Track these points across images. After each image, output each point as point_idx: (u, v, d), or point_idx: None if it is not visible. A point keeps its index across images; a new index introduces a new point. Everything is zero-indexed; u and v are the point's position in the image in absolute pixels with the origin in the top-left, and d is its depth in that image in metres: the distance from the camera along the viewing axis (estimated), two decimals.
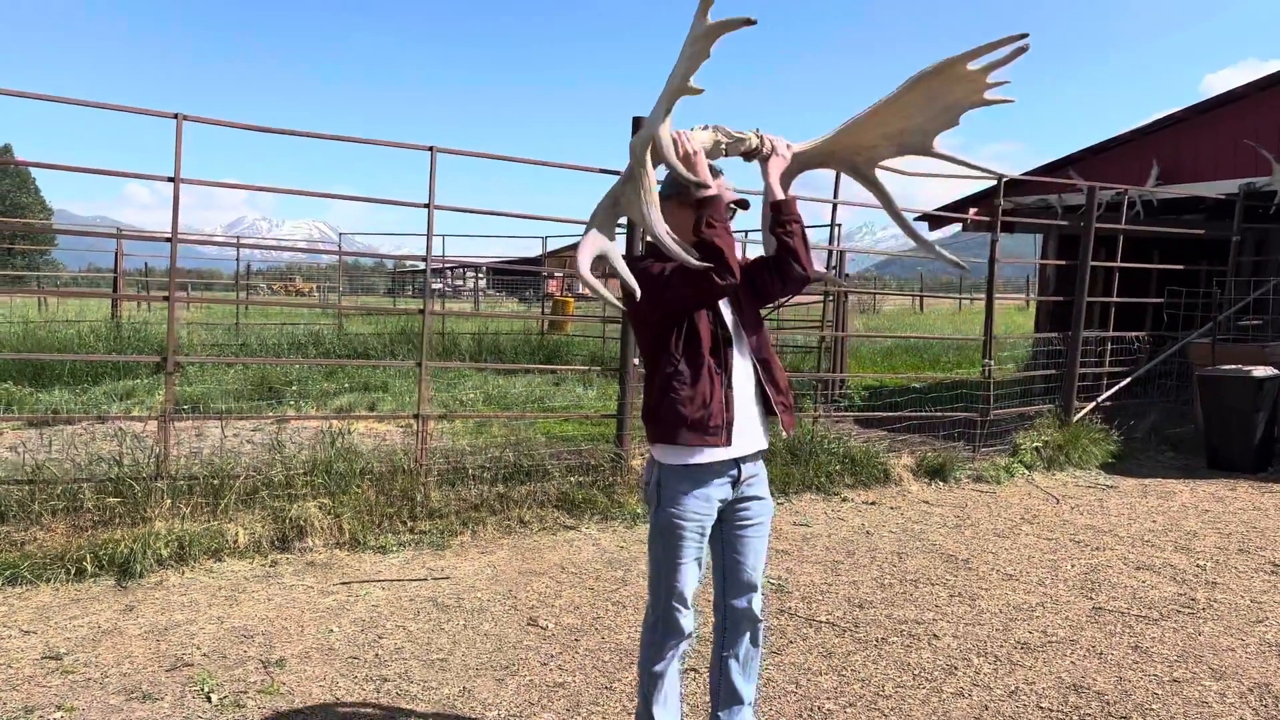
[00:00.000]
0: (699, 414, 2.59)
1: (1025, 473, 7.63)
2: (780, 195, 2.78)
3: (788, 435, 6.79)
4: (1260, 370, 7.95)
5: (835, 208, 9.13)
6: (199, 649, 3.80)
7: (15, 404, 8.87)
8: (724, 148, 2.74)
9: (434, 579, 4.76)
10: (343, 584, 4.65)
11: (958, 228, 13.06)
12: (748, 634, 2.85)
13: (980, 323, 8.87)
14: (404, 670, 3.68)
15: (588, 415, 8.74)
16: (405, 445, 6.37)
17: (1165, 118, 11.14)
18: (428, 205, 6.14)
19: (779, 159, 2.81)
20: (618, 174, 2.68)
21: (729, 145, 2.74)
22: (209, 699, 3.37)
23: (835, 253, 10.57)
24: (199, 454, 5.82)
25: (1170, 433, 8.99)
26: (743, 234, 12.67)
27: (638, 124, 2.56)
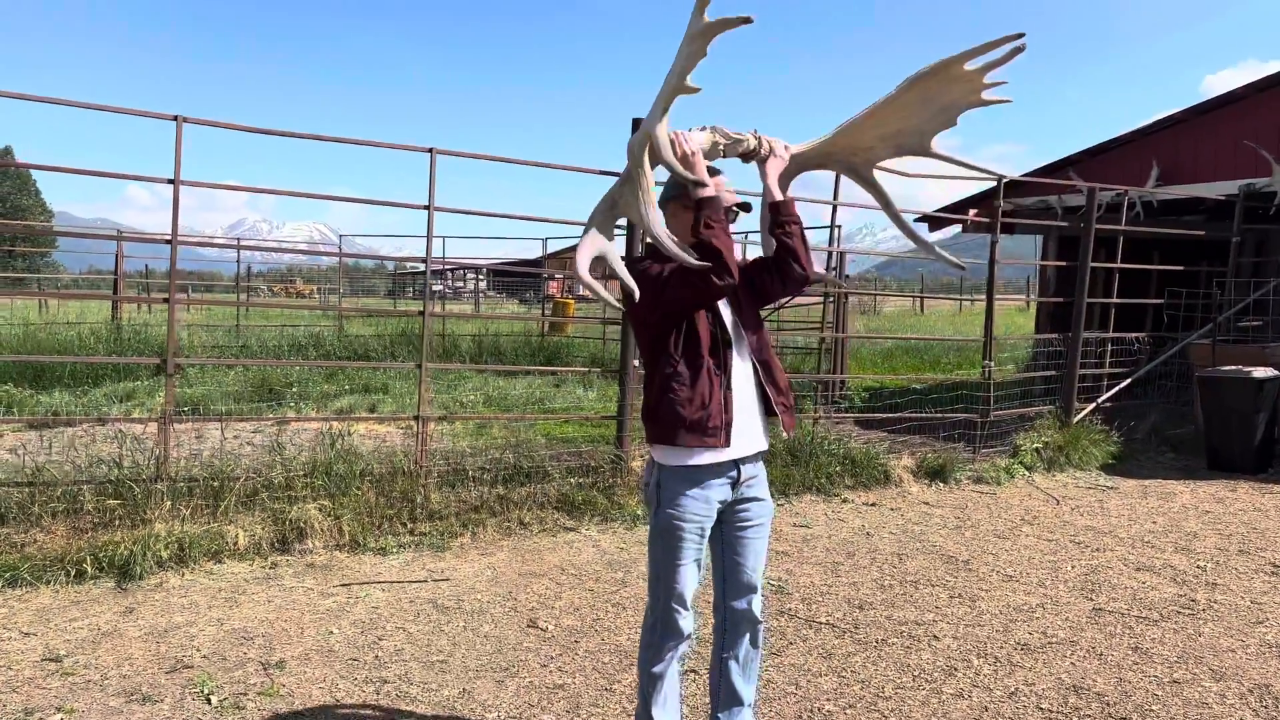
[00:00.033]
0: (698, 415, 2.59)
1: (1025, 474, 7.63)
2: (779, 196, 2.79)
3: (788, 436, 6.81)
4: (1260, 371, 7.95)
5: (835, 209, 9.13)
6: (199, 651, 3.81)
7: (15, 406, 8.88)
8: (722, 149, 2.74)
9: (434, 581, 4.76)
10: (343, 586, 4.65)
11: (958, 229, 13.06)
12: (747, 635, 2.85)
13: (980, 324, 8.87)
14: (404, 672, 3.68)
15: (588, 417, 8.74)
16: (405, 447, 6.38)
17: (1165, 119, 11.13)
18: (428, 207, 6.15)
19: (777, 160, 2.82)
20: (617, 175, 2.68)
21: (727, 146, 2.74)
22: (209, 701, 3.37)
23: (835, 254, 10.57)
24: (199, 456, 5.82)
25: (1170, 434, 8.98)
26: (742, 235, 12.68)
27: (637, 125, 2.56)
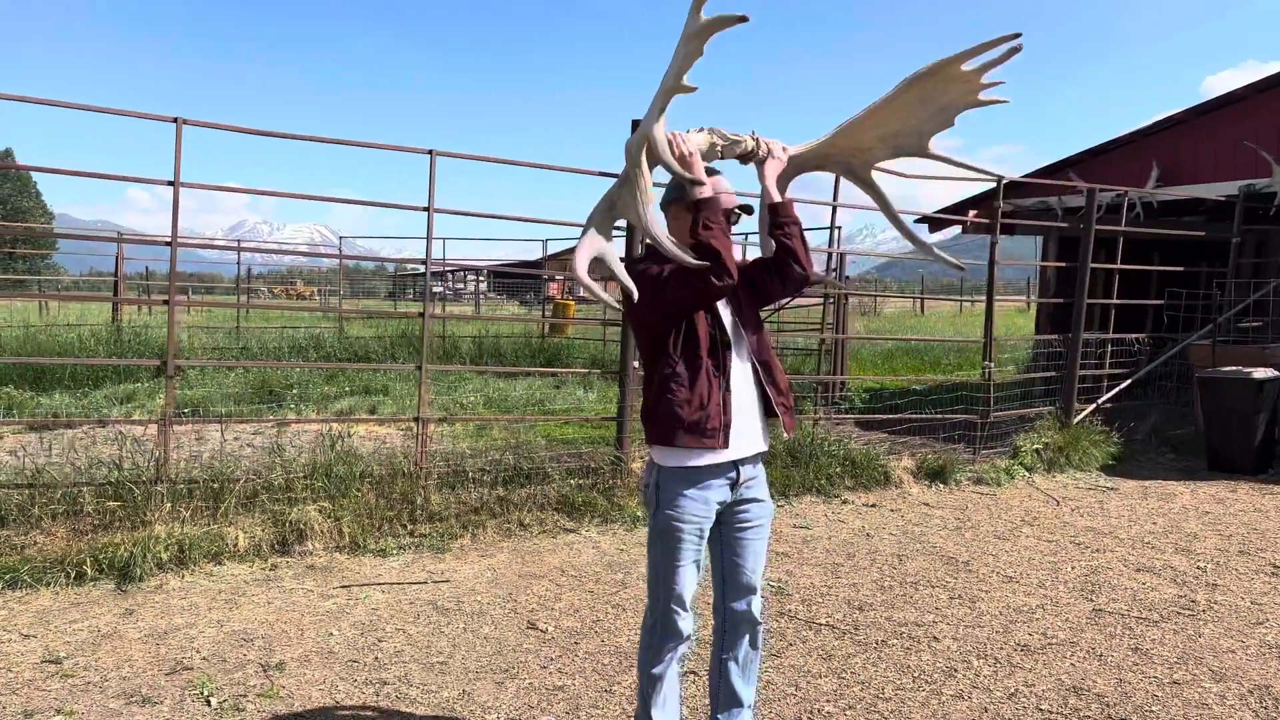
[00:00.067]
0: (696, 416, 2.59)
1: (1025, 475, 7.63)
2: (777, 198, 2.79)
3: (788, 437, 6.82)
4: (1260, 372, 7.94)
5: (835, 210, 9.13)
6: (199, 652, 3.81)
7: (16, 408, 8.88)
8: (719, 150, 2.74)
9: (434, 582, 4.76)
10: (342, 587, 4.65)
11: (958, 230, 13.07)
12: (747, 636, 2.85)
13: (981, 325, 8.87)
14: (404, 673, 3.68)
15: (588, 418, 8.74)
16: (405, 448, 6.38)
17: (1165, 119, 11.12)
18: (427, 209, 6.15)
19: (775, 162, 2.82)
20: (616, 176, 2.68)
21: (725, 148, 2.74)
22: (208, 702, 3.37)
23: (835, 255, 10.58)
24: (199, 458, 5.83)
25: (1170, 434, 8.98)
26: (742, 237, 12.68)
27: (637, 127, 2.56)
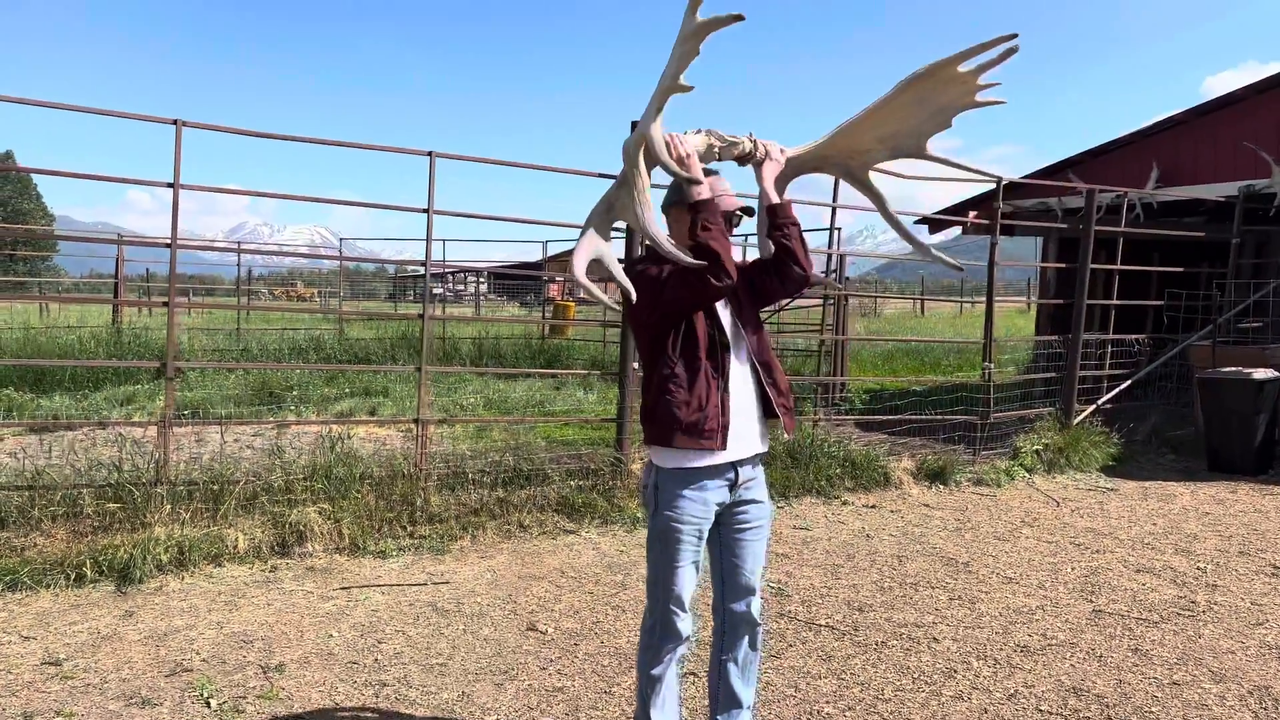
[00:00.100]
0: (694, 417, 2.59)
1: (1025, 476, 7.63)
2: (775, 199, 2.80)
3: (788, 437, 6.82)
4: (1261, 372, 7.94)
5: (835, 211, 9.14)
6: (198, 654, 3.81)
7: (16, 410, 8.89)
8: (717, 151, 2.74)
9: (433, 584, 4.76)
10: (342, 589, 4.65)
11: (957, 231, 13.07)
12: (746, 638, 2.85)
13: (981, 326, 8.87)
14: (403, 675, 3.68)
15: (588, 419, 8.74)
16: (405, 450, 6.39)
17: (1165, 120, 11.12)
18: (427, 210, 6.15)
19: (773, 163, 2.82)
20: (616, 178, 2.69)
21: (722, 149, 2.75)
22: (208, 704, 3.37)
23: (835, 256, 10.58)
24: (199, 459, 5.83)
25: (1171, 435, 8.98)
26: (742, 238, 12.69)
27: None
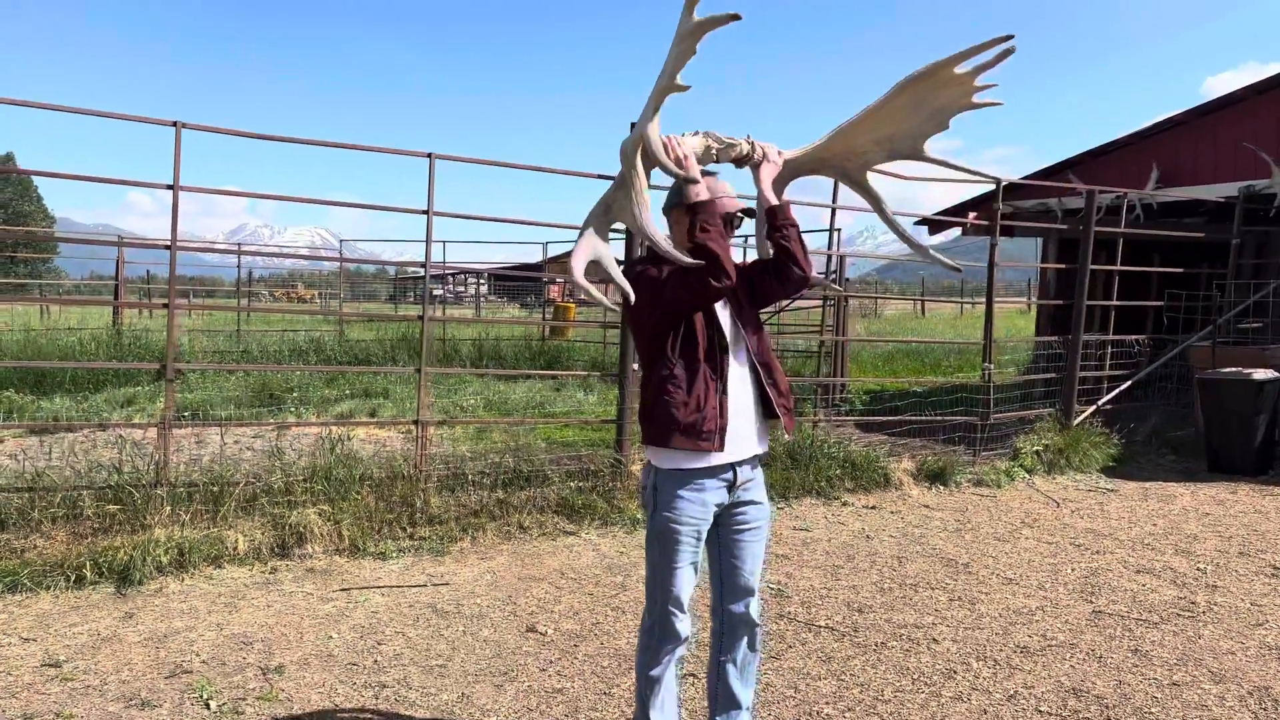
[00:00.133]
0: (692, 418, 2.60)
1: (1026, 476, 7.63)
2: (773, 201, 2.80)
3: (788, 438, 6.82)
4: (1261, 373, 7.94)
5: (834, 212, 9.14)
6: (198, 656, 3.81)
7: (16, 412, 8.89)
8: (715, 153, 2.75)
9: (433, 585, 4.77)
10: (342, 590, 4.66)
11: (957, 232, 13.06)
12: (745, 639, 2.85)
13: (981, 327, 8.87)
14: (403, 676, 3.68)
15: (588, 421, 8.74)
16: (405, 451, 6.39)
17: (1165, 121, 11.12)
18: (426, 211, 6.16)
19: (771, 165, 2.83)
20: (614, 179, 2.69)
21: (720, 151, 2.75)
22: (208, 706, 3.37)
23: (835, 257, 10.58)
24: (199, 461, 5.84)
25: (1171, 436, 8.97)
26: (742, 239, 12.69)
27: None
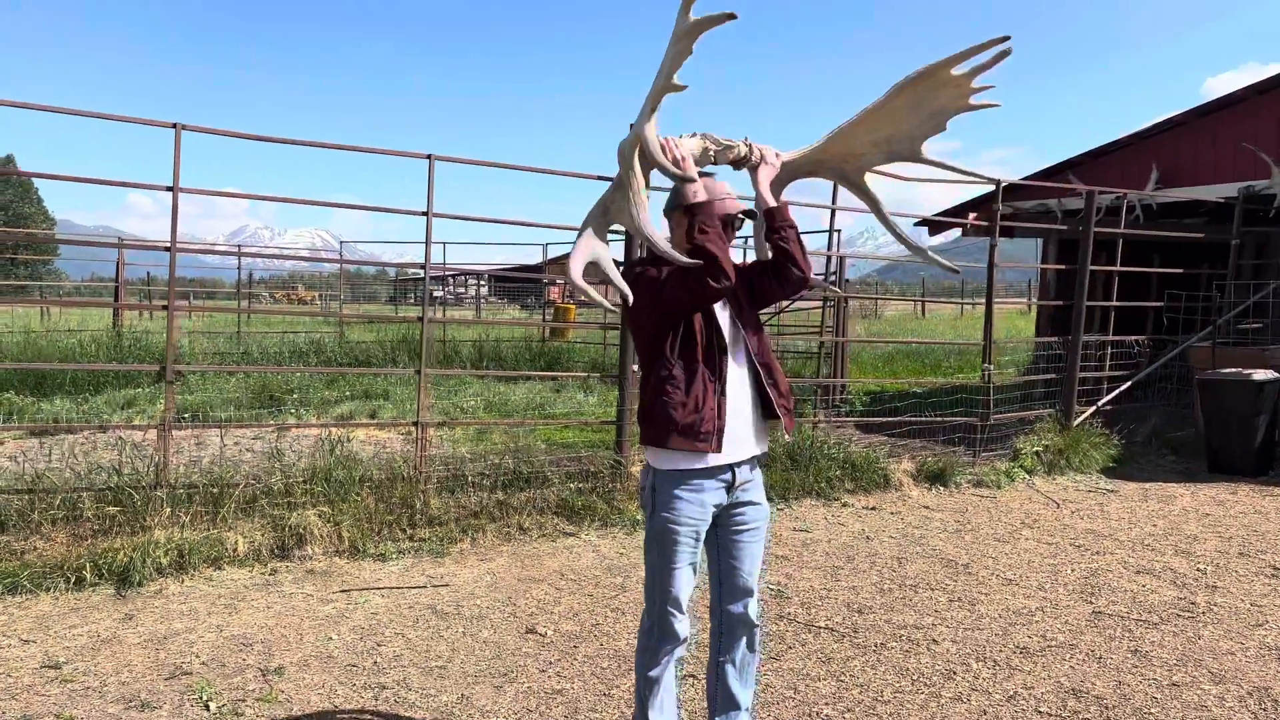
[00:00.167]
0: (690, 419, 2.60)
1: (1026, 477, 7.63)
2: (772, 203, 2.80)
3: (788, 438, 6.82)
4: (1260, 373, 7.94)
5: (834, 214, 9.15)
6: (198, 657, 3.81)
7: (16, 413, 8.90)
8: (713, 155, 2.76)
9: (433, 586, 4.77)
10: (342, 592, 4.66)
11: (957, 233, 13.05)
12: (744, 639, 2.85)
13: (981, 327, 8.87)
14: (403, 678, 3.68)
15: (587, 422, 8.75)
16: (405, 453, 6.39)
17: (1164, 121, 11.12)
18: (427, 213, 6.16)
19: (768, 167, 2.83)
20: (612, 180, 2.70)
21: (718, 153, 2.76)
22: (208, 707, 3.37)
23: (835, 259, 10.58)
24: (199, 463, 5.84)
25: (1171, 436, 8.97)
26: (742, 240, 12.70)
27: None
